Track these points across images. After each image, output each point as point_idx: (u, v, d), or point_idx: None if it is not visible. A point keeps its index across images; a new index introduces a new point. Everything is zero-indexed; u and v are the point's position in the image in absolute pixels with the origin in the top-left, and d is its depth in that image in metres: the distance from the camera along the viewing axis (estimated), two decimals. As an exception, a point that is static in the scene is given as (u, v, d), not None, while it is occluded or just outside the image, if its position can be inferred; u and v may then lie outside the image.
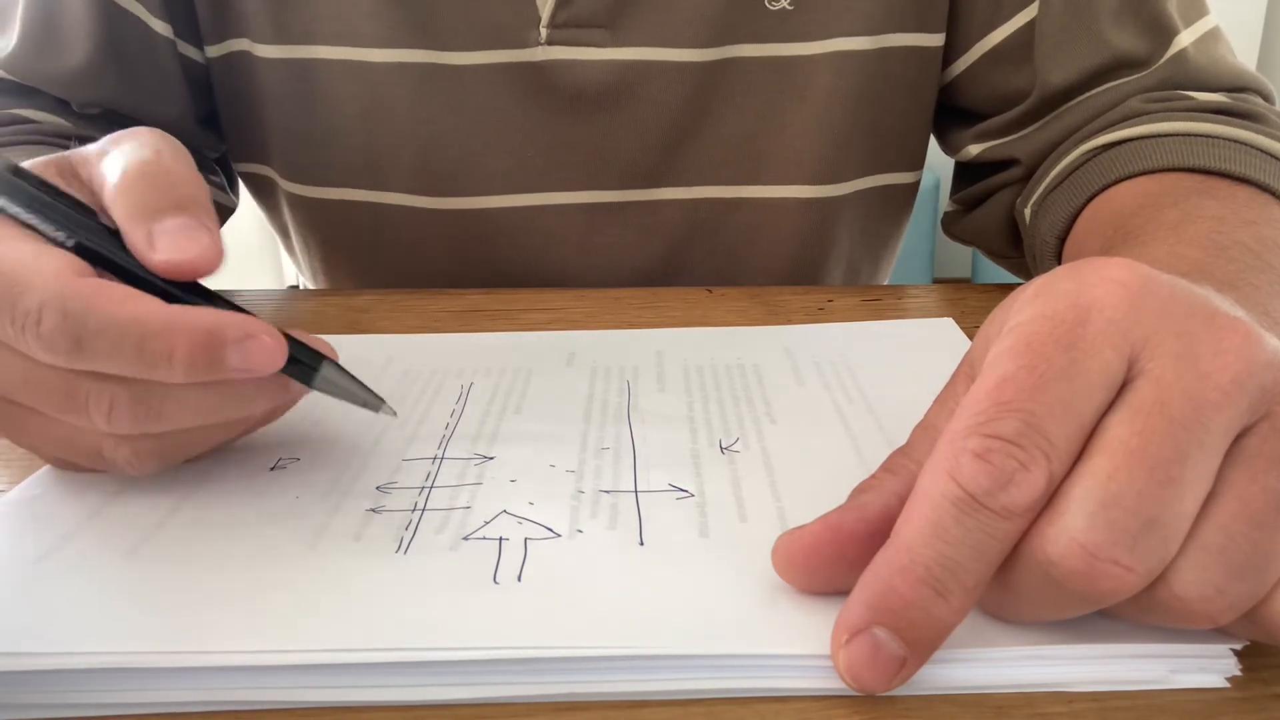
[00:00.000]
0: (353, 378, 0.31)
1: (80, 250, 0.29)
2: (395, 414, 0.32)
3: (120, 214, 0.29)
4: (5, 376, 0.28)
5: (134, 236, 0.29)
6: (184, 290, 0.29)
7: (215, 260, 0.29)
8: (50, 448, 0.31)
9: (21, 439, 0.31)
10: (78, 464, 0.32)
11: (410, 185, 0.56)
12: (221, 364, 0.27)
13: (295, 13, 0.53)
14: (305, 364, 0.30)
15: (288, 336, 0.29)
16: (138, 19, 0.54)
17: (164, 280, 0.29)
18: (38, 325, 0.26)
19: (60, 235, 0.29)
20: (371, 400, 0.31)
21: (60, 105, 0.54)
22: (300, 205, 0.60)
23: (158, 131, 0.32)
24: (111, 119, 0.55)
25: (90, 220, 0.30)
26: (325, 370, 0.30)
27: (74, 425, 0.29)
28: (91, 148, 0.32)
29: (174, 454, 0.31)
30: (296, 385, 0.30)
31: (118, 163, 0.30)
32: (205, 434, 0.31)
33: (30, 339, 0.27)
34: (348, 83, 0.54)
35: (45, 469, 0.33)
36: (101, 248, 0.29)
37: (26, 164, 0.31)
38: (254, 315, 0.28)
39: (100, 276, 0.28)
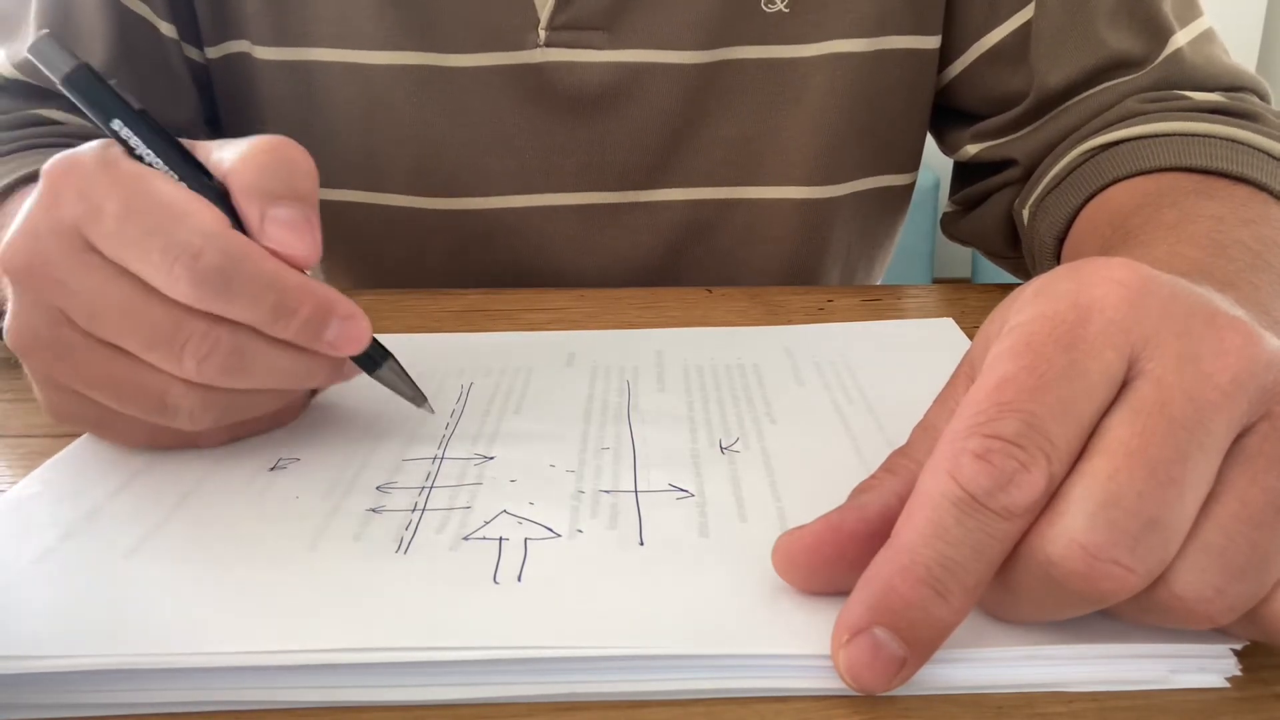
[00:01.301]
0: (408, 377, 0.35)
1: (220, 198, 0.30)
2: (434, 412, 0.36)
3: (239, 186, 0.30)
4: (103, 301, 0.29)
5: (248, 213, 0.30)
6: None
7: (314, 259, 0.31)
8: (101, 388, 0.30)
9: (66, 372, 0.30)
10: (111, 421, 0.32)
11: (409, 186, 0.56)
12: (322, 334, 0.30)
13: (294, 15, 0.53)
14: (373, 357, 0.34)
15: None
16: (147, 21, 0.54)
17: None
18: (196, 259, 0.28)
19: (208, 179, 0.31)
20: (418, 396, 0.35)
21: (74, 106, 0.54)
22: None
23: (289, 140, 0.33)
24: None
25: (201, 175, 0.31)
26: (388, 364, 0.34)
27: (148, 368, 0.30)
28: (214, 143, 0.33)
29: (231, 413, 0.32)
30: (348, 369, 0.33)
31: (242, 141, 0.31)
32: (258, 401, 0.33)
33: (181, 269, 0.28)
34: (347, 84, 0.54)
35: (45, 466, 0.33)
36: (207, 197, 0.30)
37: None
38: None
39: None
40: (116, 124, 0.31)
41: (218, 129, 0.60)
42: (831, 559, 0.25)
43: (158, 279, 0.28)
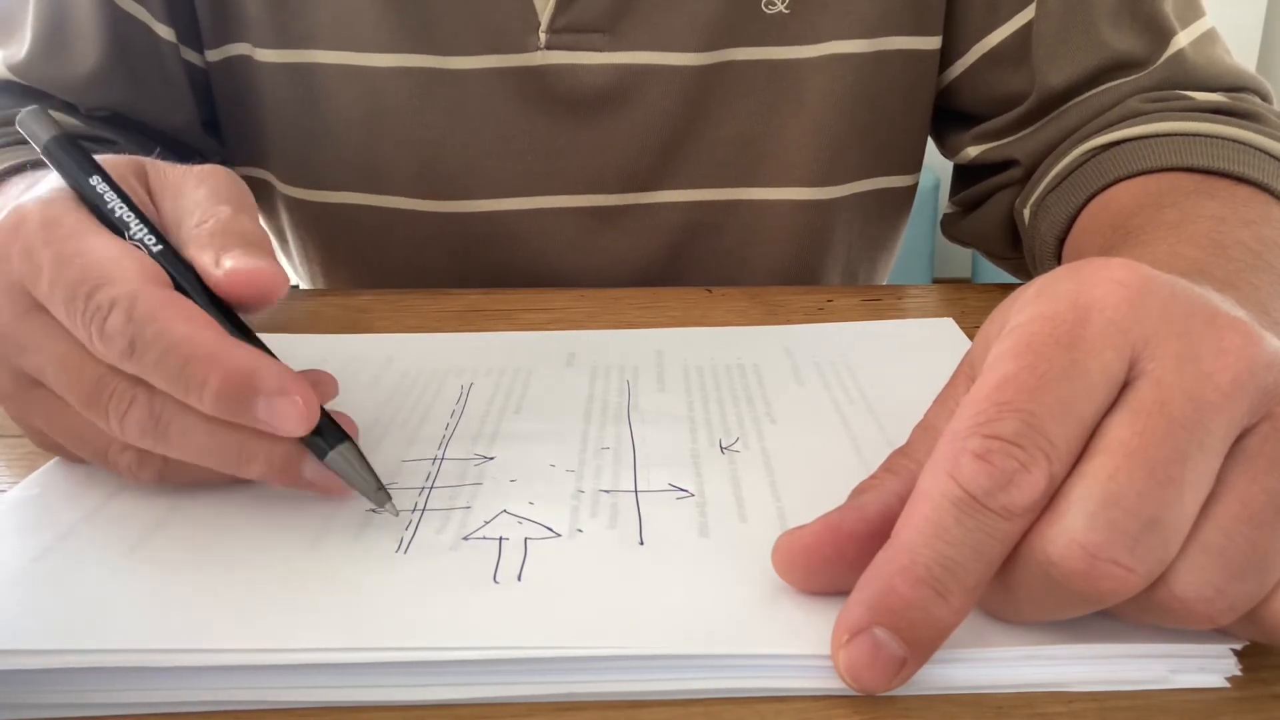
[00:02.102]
0: (367, 466, 0.29)
1: (162, 257, 0.30)
2: (396, 514, 0.30)
3: (193, 249, 0.30)
4: (46, 358, 0.29)
5: (202, 259, 0.30)
6: (239, 330, 0.30)
7: (275, 281, 0.29)
8: (60, 435, 0.31)
9: (34, 420, 0.31)
10: (80, 458, 0.32)
11: (410, 189, 0.56)
12: (248, 410, 0.27)
13: (295, 17, 0.53)
14: (324, 440, 0.29)
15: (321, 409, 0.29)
16: (143, 24, 0.54)
17: (222, 313, 0.30)
18: (104, 319, 0.27)
19: (151, 240, 0.30)
20: (378, 495, 0.29)
21: (69, 106, 0.54)
22: (299, 209, 0.60)
23: (233, 176, 0.33)
24: (120, 122, 0.55)
25: (163, 237, 0.31)
26: (342, 449, 0.29)
27: (88, 421, 0.30)
28: (168, 172, 0.33)
29: (172, 476, 0.31)
30: (303, 472, 0.29)
31: (194, 211, 0.31)
32: (203, 470, 0.30)
33: (94, 329, 0.28)
34: (348, 87, 0.54)
35: (45, 467, 0.33)
36: (175, 263, 0.30)
37: (103, 158, 0.32)
38: (296, 372, 0.28)
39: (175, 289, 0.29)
40: (94, 182, 0.30)
41: (216, 132, 0.60)
42: (831, 559, 0.25)
43: (82, 339, 0.28)
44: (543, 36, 0.53)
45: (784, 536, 0.25)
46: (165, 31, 0.55)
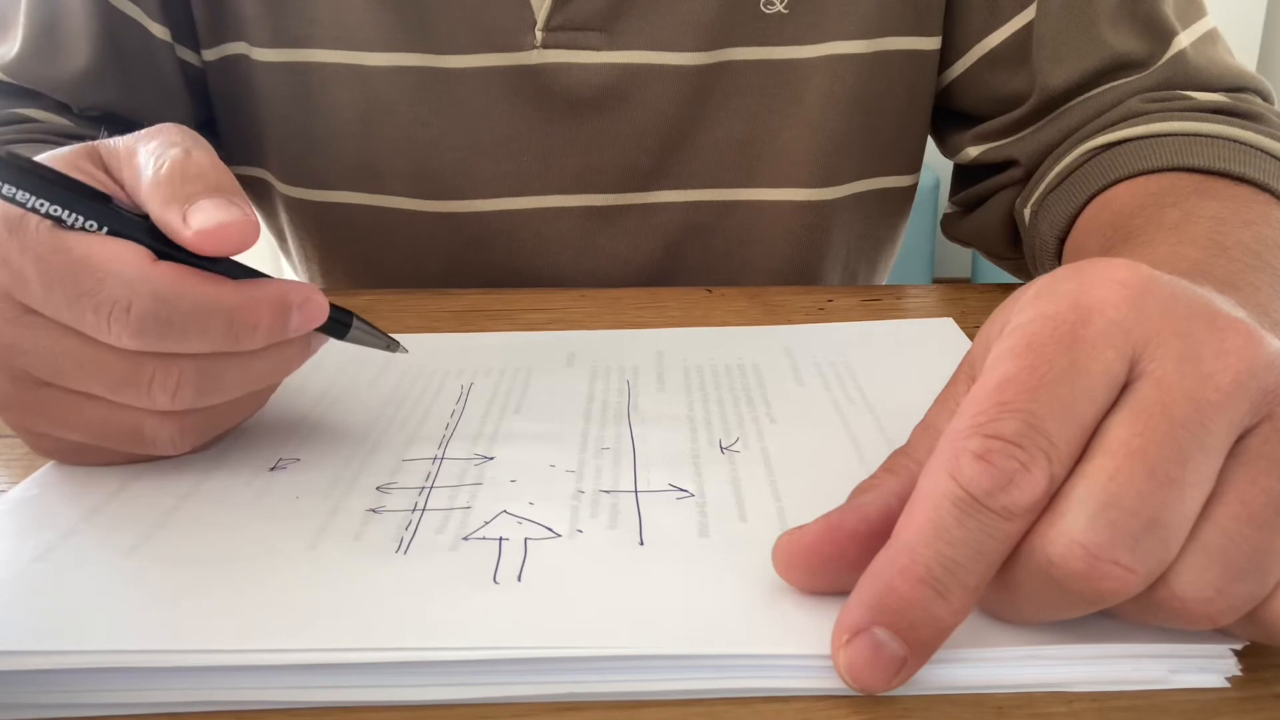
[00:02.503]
0: (373, 327, 0.35)
1: (114, 236, 0.29)
2: (407, 351, 0.36)
3: (155, 205, 0.29)
4: (58, 357, 0.29)
5: (169, 219, 0.29)
6: (213, 264, 0.30)
7: (246, 228, 0.29)
8: (78, 431, 0.30)
9: (40, 423, 0.31)
10: (95, 450, 0.32)
11: (407, 188, 0.56)
12: (288, 326, 0.30)
13: (292, 16, 0.53)
14: (339, 322, 0.33)
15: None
16: (137, 23, 0.54)
17: (195, 258, 0.29)
18: (127, 312, 0.27)
19: (91, 225, 0.29)
20: (390, 343, 0.35)
21: (61, 106, 0.54)
22: (297, 208, 0.60)
23: (184, 129, 0.32)
24: (113, 121, 0.55)
25: (112, 208, 0.30)
26: (356, 325, 0.34)
27: (118, 406, 0.29)
28: (119, 142, 0.32)
29: (213, 429, 0.32)
30: (315, 341, 0.33)
31: (149, 161, 0.30)
32: (242, 405, 0.32)
33: (116, 326, 0.27)
34: (345, 86, 0.54)
35: (45, 468, 0.33)
36: (128, 232, 0.29)
37: (52, 153, 0.31)
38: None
39: None
40: (23, 197, 0.29)
41: (213, 132, 0.60)
42: (831, 559, 0.25)
43: (98, 335, 0.28)
44: (539, 35, 0.53)
45: (784, 536, 0.25)
46: (160, 30, 0.55)
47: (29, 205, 0.29)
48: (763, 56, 0.54)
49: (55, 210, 0.29)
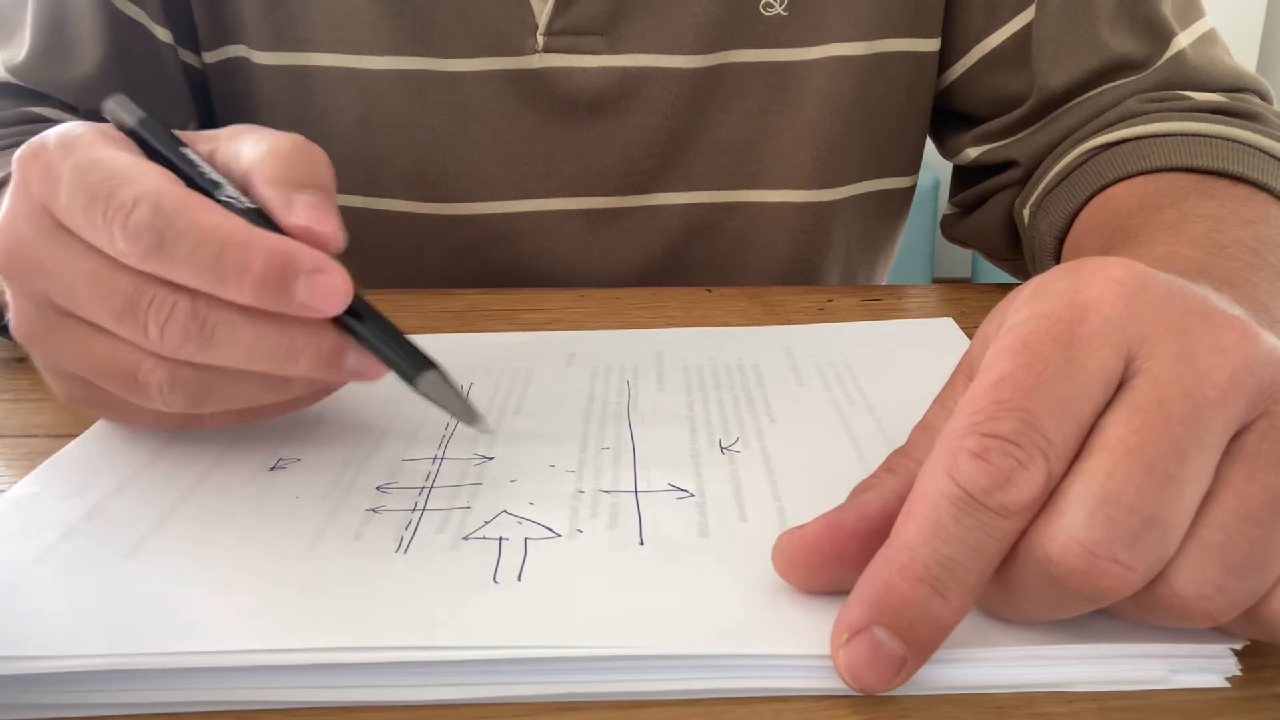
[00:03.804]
0: (455, 388, 0.30)
1: (252, 215, 0.29)
2: (493, 431, 0.31)
3: (264, 176, 0.30)
4: (73, 275, 0.29)
5: (273, 198, 0.29)
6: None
7: (340, 241, 0.29)
8: (86, 368, 0.30)
9: (62, 356, 0.30)
10: (104, 399, 0.31)
11: (407, 191, 0.56)
12: (289, 292, 0.27)
13: (292, 19, 0.53)
14: (360, 315, 0.29)
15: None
16: (142, 26, 0.54)
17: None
18: (128, 215, 0.27)
19: (245, 201, 0.30)
20: (470, 415, 0.30)
21: (69, 107, 0.54)
22: None
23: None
24: None
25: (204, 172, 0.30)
26: (432, 377, 0.29)
27: (119, 341, 0.29)
28: (209, 132, 0.32)
29: (205, 395, 0.30)
30: (347, 361, 0.30)
31: (263, 138, 0.31)
32: (240, 387, 0.30)
33: (117, 229, 0.27)
34: (345, 89, 0.54)
35: (44, 465, 0.33)
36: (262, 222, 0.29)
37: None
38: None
39: None
40: (185, 153, 0.31)
41: None
42: (831, 558, 0.25)
43: (103, 243, 0.28)
44: (540, 39, 0.53)
45: (784, 536, 0.25)
46: (163, 34, 0.55)
47: (197, 170, 0.30)
48: (762, 59, 0.54)
49: (227, 187, 0.30)
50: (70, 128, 0.30)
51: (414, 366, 0.30)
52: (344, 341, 0.29)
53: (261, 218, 0.30)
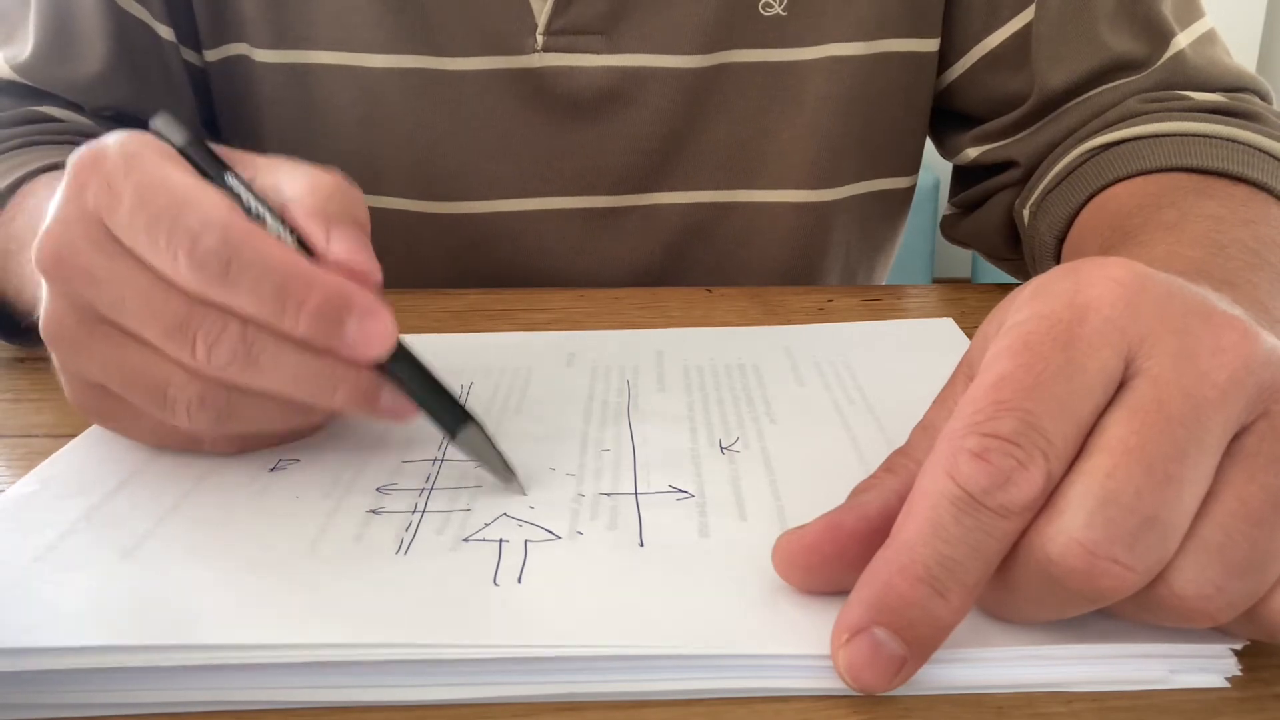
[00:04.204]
0: (494, 445, 0.31)
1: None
2: (524, 494, 0.31)
3: (305, 209, 0.30)
4: (125, 289, 0.29)
5: (313, 231, 0.30)
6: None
7: (378, 276, 0.30)
8: (114, 376, 0.30)
9: (89, 362, 0.31)
10: (116, 401, 0.31)
11: (407, 190, 0.56)
12: (339, 330, 0.28)
13: (293, 17, 0.53)
14: (403, 361, 0.30)
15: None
16: (145, 24, 0.54)
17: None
18: (195, 241, 0.28)
19: (288, 232, 0.30)
20: (505, 474, 0.31)
21: (75, 105, 0.54)
22: None
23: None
24: (125, 121, 0.55)
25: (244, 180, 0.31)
26: (411, 369, 0.31)
27: (155, 354, 0.29)
28: (246, 155, 0.33)
29: (230, 416, 0.30)
30: (382, 399, 0.30)
31: (303, 173, 0.32)
32: (265, 411, 0.31)
33: (182, 254, 0.28)
34: (345, 88, 0.54)
35: (43, 465, 0.33)
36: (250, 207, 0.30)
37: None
38: None
39: None
40: (229, 179, 0.31)
41: (215, 132, 0.60)
42: (831, 558, 0.25)
43: (164, 265, 0.28)
44: (540, 38, 0.53)
45: (784, 536, 0.25)
46: (165, 32, 0.55)
47: (242, 199, 0.30)
48: (761, 59, 0.54)
49: (270, 221, 0.30)
50: (130, 140, 0.30)
51: (454, 420, 0.31)
52: (380, 381, 0.30)
53: (303, 249, 0.30)
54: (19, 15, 0.53)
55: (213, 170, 0.31)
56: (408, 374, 0.30)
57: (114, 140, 0.30)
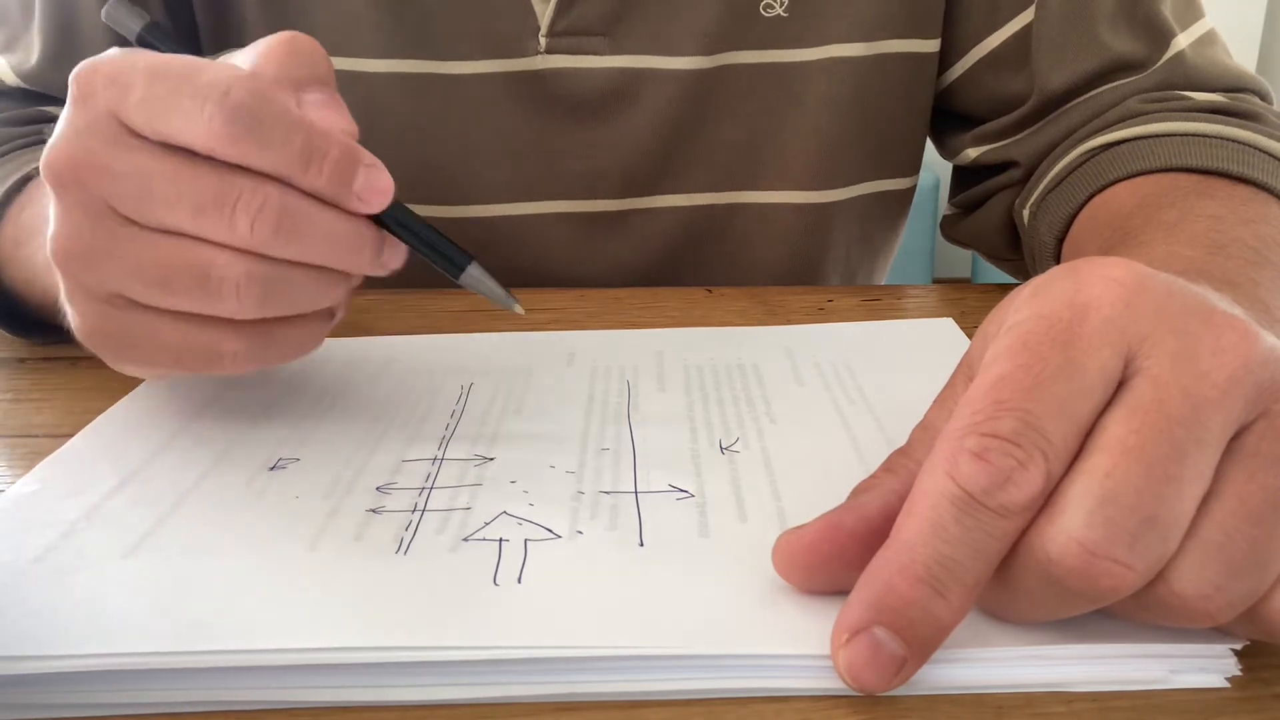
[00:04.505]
0: (437, 232, 0.33)
1: None
2: (525, 313, 0.34)
3: (269, 78, 0.30)
4: (143, 179, 0.29)
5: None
6: None
7: (355, 133, 0.31)
8: (147, 277, 0.30)
9: (114, 275, 0.30)
10: (133, 316, 0.31)
11: (409, 194, 0.56)
12: (350, 181, 0.30)
13: (293, 22, 0.53)
14: (452, 260, 0.33)
15: None
16: None
17: None
18: (226, 95, 0.28)
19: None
20: (506, 300, 0.34)
21: None
22: None
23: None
24: None
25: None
26: (473, 269, 0.33)
27: (189, 240, 0.29)
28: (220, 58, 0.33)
29: (274, 293, 0.30)
30: (388, 252, 0.32)
31: (254, 45, 0.31)
32: (302, 289, 0.31)
33: (213, 107, 0.28)
34: (346, 92, 0.53)
35: (43, 464, 0.33)
36: None
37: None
38: None
39: None
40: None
41: None
42: (831, 558, 0.25)
43: (193, 124, 0.28)
44: (542, 41, 0.53)
45: (784, 536, 0.25)
46: None
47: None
48: (763, 60, 0.54)
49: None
50: (108, 50, 0.30)
51: (458, 259, 0.33)
52: (383, 235, 0.32)
53: None
54: (22, 22, 0.53)
55: (178, 49, 0.31)
56: (409, 223, 0.32)
57: (102, 54, 0.30)
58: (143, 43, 0.31)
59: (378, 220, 0.31)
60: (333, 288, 0.32)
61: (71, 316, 0.32)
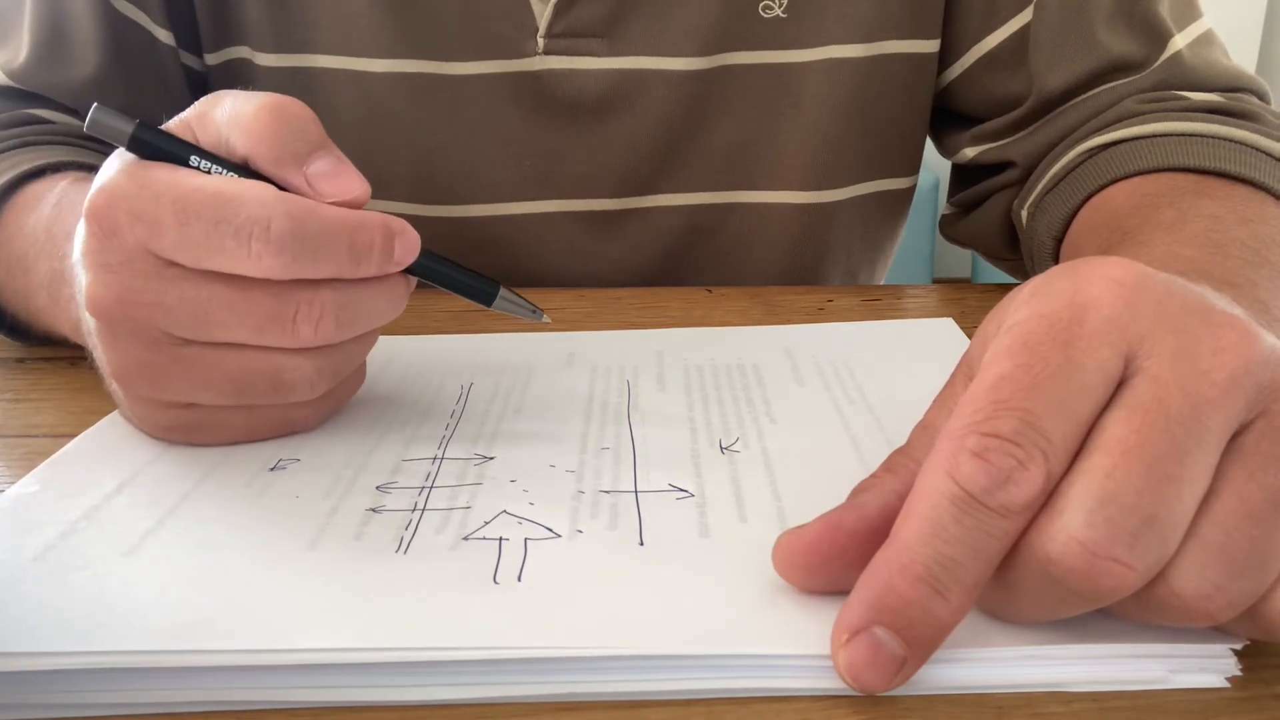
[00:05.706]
0: (521, 297, 0.36)
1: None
2: (550, 321, 0.37)
3: (268, 160, 0.31)
4: (197, 307, 0.30)
5: (292, 181, 0.31)
6: None
7: (368, 192, 0.32)
8: (218, 388, 0.31)
9: (179, 385, 0.31)
10: (216, 421, 0.33)
11: (408, 194, 0.56)
12: (390, 255, 0.31)
13: (295, 22, 0.53)
14: (483, 290, 0.35)
15: None
16: (142, 28, 0.54)
17: None
18: (267, 230, 0.29)
19: (219, 170, 0.31)
20: (535, 315, 0.36)
21: (70, 111, 0.54)
22: None
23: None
24: None
25: (226, 160, 0.32)
26: (503, 294, 0.36)
27: (259, 353, 0.31)
28: (194, 111, 0.33)
29: (342, 369, 0.33)
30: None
31: (241, 118, 0.31)
32: (358, 350, 0.34)
33: (258, 244, 0.28)
34: (346, 92, 0.54)
35: (43, 465, 0.33)
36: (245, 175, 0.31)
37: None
38: None
39: None
40: (193, 158, 0.31)
41: None
42: (831, 558, 0.25)
43: (241, 264, 0.29)
44: (540, 42, 0.53)
45: (784, 536, 0.25)
46: (164, 35, 0.55)
47: (204, 169, 0.31)
48: (761, 60, 0.54)
49: (197, 162, 0.31)
50: (126, 166, 0.30)
51: (487, 289, 0.35)
52: (410, 279, 0.34)
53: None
54: (12, 19, 0.53)
55: (174, 149, 0.31)
56: (436, 266, 0.34)
57: (115, 173, 0.30)
58: (135, 141, 0.31)
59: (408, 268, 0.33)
60: (375, 336, 0.35)
61: (134, 419, 0.34)
